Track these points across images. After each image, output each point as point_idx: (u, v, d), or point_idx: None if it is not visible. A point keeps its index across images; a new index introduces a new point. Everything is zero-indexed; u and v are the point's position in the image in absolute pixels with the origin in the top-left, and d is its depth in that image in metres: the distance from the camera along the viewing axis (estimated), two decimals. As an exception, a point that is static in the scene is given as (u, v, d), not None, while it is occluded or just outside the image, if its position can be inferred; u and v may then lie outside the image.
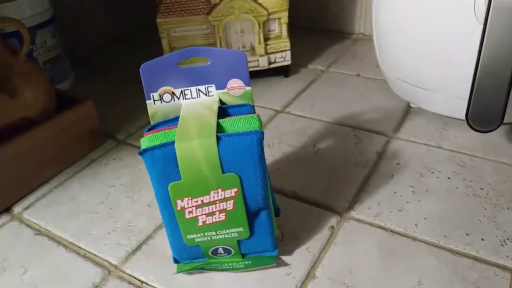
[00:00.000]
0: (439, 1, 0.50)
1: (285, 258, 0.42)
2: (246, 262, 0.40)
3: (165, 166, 0.34)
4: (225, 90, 0.37)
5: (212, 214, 0.36)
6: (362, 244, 0.43)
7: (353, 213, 0.46)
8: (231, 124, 0.35)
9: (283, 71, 0.75)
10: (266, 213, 0.38)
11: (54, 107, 0.57)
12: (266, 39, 0.71)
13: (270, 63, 0.72)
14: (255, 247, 0.40)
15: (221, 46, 0.70)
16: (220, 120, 0.35)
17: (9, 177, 0.51)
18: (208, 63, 0.36)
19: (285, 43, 0.71)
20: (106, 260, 0.43)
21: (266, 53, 0.71)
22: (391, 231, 0.44)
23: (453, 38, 0.51)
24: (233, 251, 0.39)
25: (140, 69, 0.36)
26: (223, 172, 0.34)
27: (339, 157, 0.54)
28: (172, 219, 0.37)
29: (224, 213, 0.36)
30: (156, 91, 0.37)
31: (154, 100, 0.37)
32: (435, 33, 0.52)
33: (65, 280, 0.42)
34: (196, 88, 0.37)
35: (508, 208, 0.45)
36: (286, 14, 0.69)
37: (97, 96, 0.60)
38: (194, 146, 0.33)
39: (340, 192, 0.49)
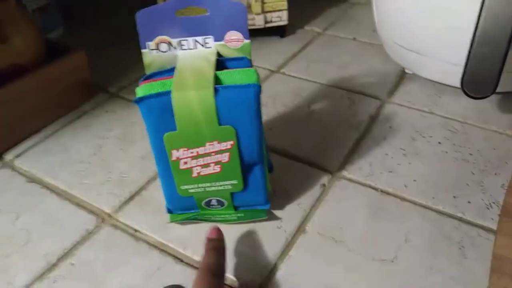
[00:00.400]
0: (443, -36, 0.50)
1: (277, 212, 0.43)
2: (238, 215, 0.41)
3: (161, 116, 0.34)
4: (223, 42, 0.37)
5: (207, 165, 0.36)
6: (352, 202, 0.44)
7: (344, 173, 0.47)
8: (228, 76, 0.35)
9: (279, 31, 0.74)
10: (260, 168, 0.38)
11: (44, 55, 0.55)
12: (264, -3, 0.69)
13: (266, 22, 0.71)
14: (248, 200, 0.40)
15: (217, 2, 0.68)
16: (218, 72, 0.35)
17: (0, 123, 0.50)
18: (207, 14, 0.36)
19: (282, 2, 0.70)
20: (99, 209, 0.44)
21: (263, 11, 0.70)
22: (381, 191, 0.45)
23: (451, 3, 0.50)
24: (226, 203, 0.40)
25: (136, 16, 0.35)
26: (219, 124, 0.34)
27: (332, 119, 0.55)
28: (166, 169, 0.37)
29: (219, 165, 0.36)
30: (152, 40, 0.36)
31: (150, 49, 0.36)
32: (435, -3, 0.52)
33: (58, 226, 0.42)
34: (193, 39, 0.36)
35: (495, 174, 0.47)
36: (285, -28, 0.68)
37: (88, 47, 0.59)
38: (191, 97, 0.33)
39: (333, 152, 0.50)
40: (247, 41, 0.36)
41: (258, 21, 0.70)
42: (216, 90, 0.33)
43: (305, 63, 0.67)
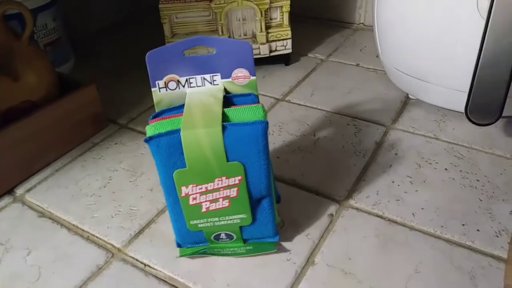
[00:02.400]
0: (442, -6, 0.51)
1: (286, 244, 0.43)
2: (247, 247, 0.41)
3: (170, 154, 0.35)
4: (230, 79, 0.38)
5: (215, 200, 0.37)
6: (361, 232, 0.44)
7: (351, 202, 0.47)
8: (236, 113, 0.35)
9: (284, 59, 0.75)
10: (268, 201, 0.39)
11: (56, 90, 0.57)
12: (268, 27, 0.71)
13: (271, 51, 0.72)
14: (257, 233, 0.40)
15: (222, 33, 0.70)
16: (225, 109, 0.36)
17: (12, 159, 0.51)
18: (214, 52, 0.37)
19: (286, 32, 0.71)
20: (109, 243, 0.44)
21: (268, 41, 0.71)
22: (389, 220, 0.45)
23: (454, 31, 0.51)
24: (235, 237, 0.40)
25: (146, 56, 0.36)
26: (227, 161, 0.35)
27: (338, 146, 0.55)
28: (176, 205, 0.38)
29: (227, 200, 0.37)
30: (161, 78, 0.37)
31: (159, 88, 0.37)
32: (436, 25, 0.52)
33: (69, 262, 0.42)
34: (201, 77, 0.37)
35: (503, 200, 0.47)
36: (288, 2, 0.69)
37: (97, 80, 0.60)
38: (200, 135, 0.34)
39: (339, 180, 0.50)
40: (253, 77, 0.37)
41: (263, 51, 0.71)
42: (224, 128, 0.34)
43: (310, 90, 0.68)
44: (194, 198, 0.37)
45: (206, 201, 0.37)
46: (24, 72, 0.52)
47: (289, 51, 0.73)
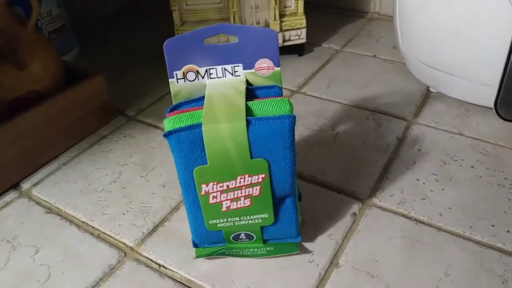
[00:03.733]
0: (472, -19, 0.48)
1: (307, 245, 0.41)
2: (268, 248, 0.39)
3: (191, 149, 0.32)
4: (252, 70, 0.35)
5: (237, 199, 0.35)
6: (386, 232, 0.42)
7: (375, 200, 0.45)
8: (260, 107, 0.33)
9: (298, 50, 0.72)
10: (292, 200, 0.36)
11: (63, 80, 0.54)
12: (282, 15, 0.68)
13: (284, 40, 0.70)
14: (278, 234, 0.38)
15: (234, 21, 0.67)
16: (249, 102, 0.33)
17: (16, 152, 0.49)
18: (236, 41, 0.34)
19: (301, 21, 0.69)
20: (121, 242, 0.42)
21: (281, 30, 0.68)
22: (415, 219, 0.43)
23: (481, 20, 0.49)
24: (255, 237, 0.38)
25: (164, 45, 0.34)
26: (251, 157, 0.33)
27: (358, 142, 0.53)
28: (194, 204, 0.35)
29: (249, 199, 0.35)
30: (179, 69, 0.35)
31: (177, 79, 0.35)
32: (462, 15, 0.50)
33: (80, 261, 0.40)
34: (222, 67, 0.35)
35: (533, 199, 0.44)
36: (303, -10, 0.66)
37: (103, 69, 0.58)
38: (223, 129, 0.32)
39: (361, 177, 0.48)
40: (278, 68, 0.35)
41: (276, 40, 0.69)
42: (248, 122, 0.32)
43: (326, 82, 0.65)
44: (215, 197, 0.34)
45: (226, 199, 0.35)
46: (30, 60, 0.50)
47: (303, 41, 0.70)
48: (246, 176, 0.34)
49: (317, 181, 0.48)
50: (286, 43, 0.70)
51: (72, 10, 0.74)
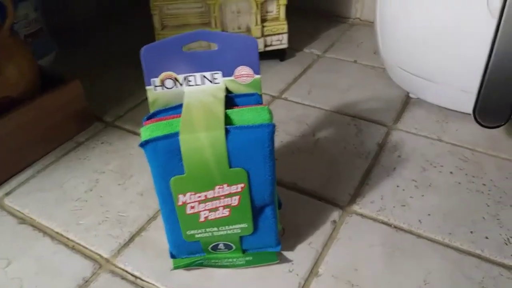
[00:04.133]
0: (450, -11, 0.48)
1: (287, 253, 0.40)
2: (247, 258, 0.38)
3: (168, 159, 0.32)
4: (232, 78, 0.35)
5: (215, 209, 0.34)
6: (366, 240, 0.41)
7: (355, 207, 0.45)
8: (239, 115, 0.32)
9: (279, 55, 0.72)
10: (271, 209, 0.36)
11: (38, 85, 0.53)
12: (263, 20, 0.68)
13: (266, 45, 0.69)
14: (258, 243, 0.38)
15: (216, 26, 0.66)
16: (228, 111, 0.33)
17: (-11, 160, 0.47)
18: (216, 48, 0.33)
19: (283, 26, 0.68)
20: (96, 253, 0.41)
21: (263, 35, 0.68)
22: (395, 227, 0.43)
23: (462, 29, 0.49)
24: (234, 247, 0.37)
25: (141, 52, 0.33)
26: (230, 167, 0.32)
27: (339, 148, 0.53)
28: (171, 214, 0.35)
29: (228, 209, 0.34)
30: (157, 76, 0.34)
31: (155, 86, 0.34)
32: (443, 22, 0.50)
33: (53, 274, 0.39)
34: (201, 75, 0.34)
35: (510, 205, 0.45)
36: (285, -5, 0.66)
37: (81, 74, 0.57)
38: (201, 139, 0.31)
39: (342, 184, 0.48)
40: (258, 76, 0.34)
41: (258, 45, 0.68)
42: (227, 131, 0.31)
43: (307, 88, 0.65)
44: (192, 207, 0.34)
45: (205, 210, 0.34)
46: (4, 65, 0.48)
47: (285, 46, 0.70)
48: (225, 186, 0.33)
49: (297, 188, 0.47)
50: (267, 48, 0.70)
51: (50, 13, 0.72)
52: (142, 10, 0.69)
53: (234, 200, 0.34)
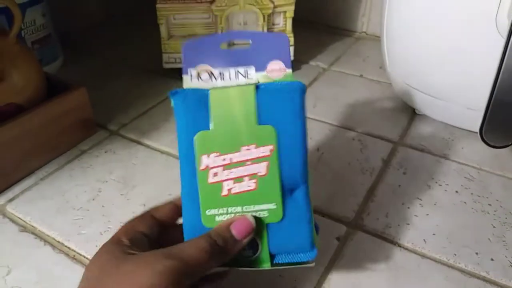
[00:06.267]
0: (458, 8, 0.48)
1: (290, 271, 0.40)
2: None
3: (195, 110, 0.31)
4: (264, 73, 0.34)
5: (240, 180, 0.31)
6: (370, 258, 0.41)
7: (360, 224, 0.44)
8: (271, 84, 0.33)
9: (285, 67, 0.72)
10: (303, 193, 0.32)
11: (44, 92, 0.53)
12: (270, 32, 0.68)
13: (272, 57, 0.69)
14: (287, 241, 0.32)
15: (222, 37, 0.66)
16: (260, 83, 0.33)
17: (-7, 166, 0.47)
18: (249, 46, 0.34)
19: (290, 38, 0.68)
20: (97, 264, 0.40)
21: (269, 47, 0.68)
22: (399, 245, 0.42)
23: (469, 47, 0.49)
24: (260, 247, 0.32)
25: (182, 46, 0.33)
26: (258, 123, 0.31)
27: (344, 163, 0.52)
28: (192, 185, 0.31)
29: (254, 180, 0.31)
30: (194, 67, 0.34)
31: (191, 77, 0.34)
32: (450, 40, 0.50)
33: (53, 284, 0.39)
34: (235, 70, 0.34)
35: (516, 226, 0.44)
36: (292, 7, 0.66)
37: (86, 80, 0.57)
38: (230, 92, 0.31)
39: (346, 200, 0.47)
40: (289, 70, 0.34)
41: (263, 57, 0.68)
42: (257, 87, 0.31)
43: (312, 101, 0.65)
44: (215, 174, 0.31)
45: (228, 179, 0.31)
46: (9, 72, 0.48)
47: (291, 58, 0.70)
48: (252, 147, 0.31)
49: (301, 203, 0.47)
50: (273, 60, 0.69)
51: (58, 19, 0.73)
52: (149, 19, 0.69)
53: (262, 168, 0.31)
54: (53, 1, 0.70)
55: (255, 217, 0.31)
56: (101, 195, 0.48)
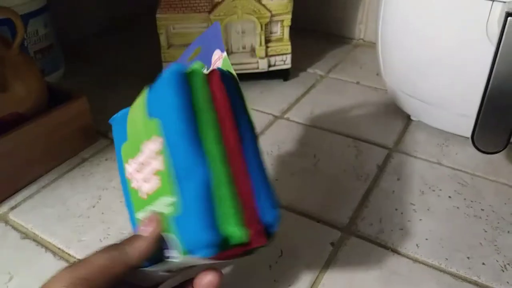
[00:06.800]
0: (450, 17, 0.49)
1: (284, 275, 0.41)
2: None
3: (120, 126, 0.33)
4: (211, 68, 0.35)
5: (148, 179, 0.30)
6: (364, 263, 0.42)
7: (354, 229, 0.45)
8: None
9: (283, 75, 0.73)
10: (197, 182, 0.27)
11: (45, 102, 0.54)
12: (267, 41, 0.69)
13: (269, 66, 0.70)
14: (188, 235, 0.27)
15: (221, 45, 0.68)
16: None
17: (-4, 175, 0.48)
18: (200, 51, 0.36)
19: (287, 46, 0.70)
20: (97, 270, 0.41)
21: (267, 55, 0.69)
22: (392, 250, 0.43)
23: (461, 54, 0.50)
24: (179, 246, 0.28)
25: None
26: (149, 117, 0.29)
27: (339, 169, 0.53)
28: (127, 194, 0.33)
29: (157, 176, 0.29)
30: None
31: None
32: (443, 48, 0.51)
33: (54, 290, 0.40)
34: None
35: (508, 231, 0.45)
36: (289, 16, 0.68)
37: (87, 89, 0.58)
38: (138, 99, 0.32)
39: (341, 206, 0.48)
40: (224, 54, 0.33)
41: (261, 65, 0.69)
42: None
43: (309, 108, 0.66)
44: (134, 179, 0.31)
45: (142, 182, 0.30)
46: (12, 82, 0.50)
47: (289, 66, 0.71)
48: (148, 143, 0.29)
49: (296, 209, 0.48)
50: (271, 68, 0.71)
51: (60, 29, 0.74)
52: (149, 28, 0.71)
53: (159, 163, 0.29)
54: (55, 12, 0.72)
55: (162, 213, 0.29)
56: (101, 202, 0.49)
